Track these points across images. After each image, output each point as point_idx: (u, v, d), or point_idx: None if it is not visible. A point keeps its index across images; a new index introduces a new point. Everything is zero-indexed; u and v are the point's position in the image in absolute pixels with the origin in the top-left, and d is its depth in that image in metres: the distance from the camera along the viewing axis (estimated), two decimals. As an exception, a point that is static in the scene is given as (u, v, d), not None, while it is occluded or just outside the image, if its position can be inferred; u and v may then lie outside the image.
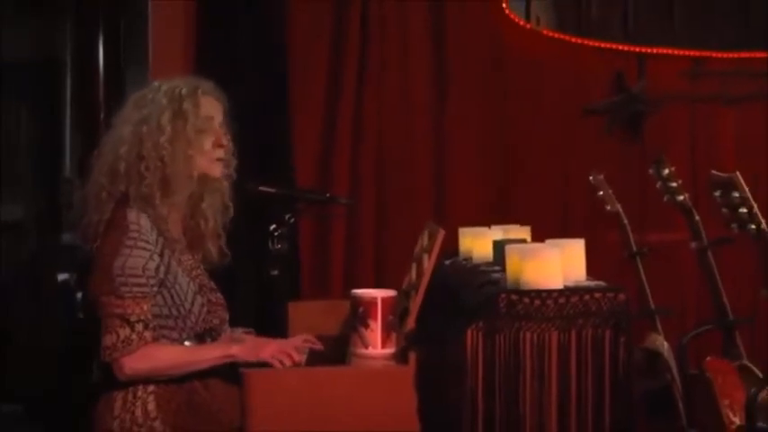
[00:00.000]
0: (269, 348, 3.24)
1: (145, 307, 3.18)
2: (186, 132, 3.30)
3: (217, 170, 3.41)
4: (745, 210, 3.21)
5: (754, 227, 3.20)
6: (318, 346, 3.37)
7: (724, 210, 3.24)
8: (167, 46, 5.92)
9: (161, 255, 3.23)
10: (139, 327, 3.15)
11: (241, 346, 3.31)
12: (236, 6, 6.14)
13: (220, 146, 3.39)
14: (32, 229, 7.14)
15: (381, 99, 6.33)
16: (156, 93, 3.36)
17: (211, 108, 3.39)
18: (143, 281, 3.17)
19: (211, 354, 3.26)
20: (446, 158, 6.37)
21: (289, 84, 6.20)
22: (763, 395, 3.40)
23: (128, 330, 3.14)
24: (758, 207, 3.22)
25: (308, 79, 6.24)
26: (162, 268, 3.23)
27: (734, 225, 3.24)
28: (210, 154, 3.37)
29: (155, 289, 3.21)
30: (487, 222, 4.53)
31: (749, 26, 6.70)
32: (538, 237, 4.03)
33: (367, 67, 6.28)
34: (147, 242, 3.21)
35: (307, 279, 6.14)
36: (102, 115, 6.24)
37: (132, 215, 3.22)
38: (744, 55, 6.66)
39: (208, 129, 3.36)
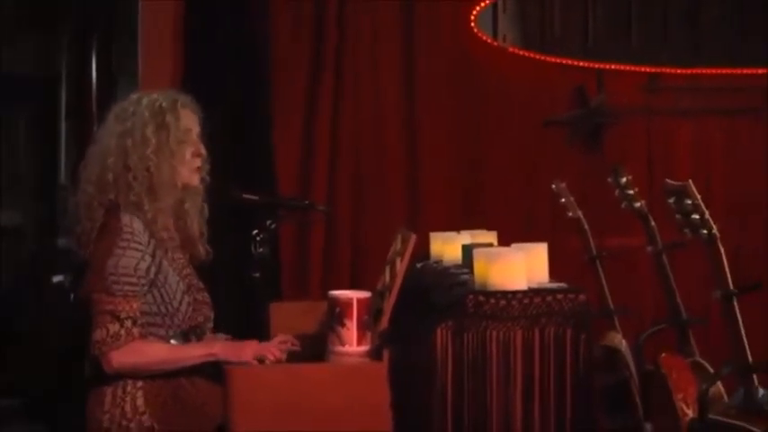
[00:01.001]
0: (250, 349, 3.25)
1: (134, 305, 3.18)
2: (169, 144, 3.31)
3: (196, 179, 3.42)
4: (697, 216, 3.21)
5: (705, 232, 3.20)
6: (295, 346, 3.38)
7: (677, 216, 3.24)
8: (156, 61, 5.91)
9: (153, 255, 3.24)
10: (128, 323, 3.16)
11: (223, 345, 3.32)
12: (221, 24, 6.14)
13: (198, 155, 3.40)
14: (31, 234, 7.12)
15: (357, 112, 6.34)
16: (137, 106, 3.35)
17: (189, 120, 3.39)
18: (134, 280, 3.18)
19: (195, 353, 3.27)
20: (418, 168, 6.38)
21: (271, 97, 6.20)
22: (714, 389, 3.41)
23: (117, 326, 3.15)
24: (709, 213, 3.22)
25: (288, 94, 6.24)
26: (153, 269, 3.23)
27: (687, 230, 3.23)
28: (190, 164, 3.38)
29: (145, 288, 3.21)
30: (457, 227, 4.53)
31: (700, 45, 6.72)
32: (504, 241, 4.03)
33: (343, 83, 6.29)
34: (140, 243, 3.21)
35: (287, 281, 6.14)
36: (95, 126, 6.21)
37: (126, 218, 3.23)
38: (696, 71, 6.69)
39: (187, 140, 3.37)
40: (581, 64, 6.64)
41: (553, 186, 4.92)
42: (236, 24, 6.20)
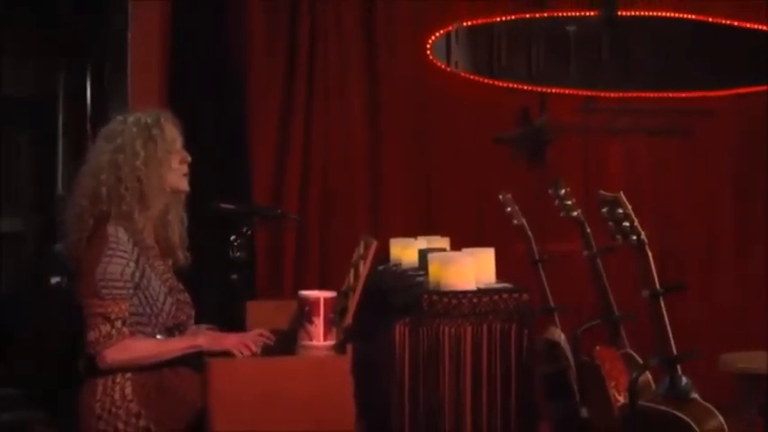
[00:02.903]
0: (231, 339, 3.25)
1: (123, 306, 3.17)
2: (157, 154, 3.31)
3: (185, 183, 3.42)
4: (627, 224, 3.21)
5: (634, 238, 3.21)
6: (271, 340, 3.37)
7: (610, 223, 3.24)
8: (144, 82, 5.89)
9: (137, 262, 3.23)
10: (118, 323, 3.15)
11: (206, 337, 3.31)
12: (203, 49, 6.15)
13: (185, 162, 3.40)
14: (31, 239, 7.06)
15: (326, 130, 6.34)
16: (124, 125, 3.35)
17: (173, 131, 3.39)
18: (120, 284, 3.17)
19: (180, 345, 3.27)
20: (380, 180, 6.38)
21: (248, 116, 6.20)
22: (642, 378, 3.42)
23: (108, 327, 3.15)
24: (638, 221, 3.23)
25: (263, 113, 6.25)
26: (137, 273, 3.22)
27: (618, 236, 3.24)
28: (179, 170, 3.38)
29: (131, 291, 3.21)
30: (414, 234, 4.54)
31: (630, 72, 6.77)
32: (456, 246, 4.04)
33: (313, 105, 6.30)
34: (125, 251, 3.20)
35: (262, 282, 6.12)
36: (89, 142, 6.17)
37: (111, 229, 3.22)
38: (626, 95, 6.72)
39: (173, 149, 3.37)
40: (525, 87, 6.65)
41: (500, 197, 4.91)
42: (217, 49, 6.21)
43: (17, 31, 6.49)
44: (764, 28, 6.83)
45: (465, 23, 6.59)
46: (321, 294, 3.09)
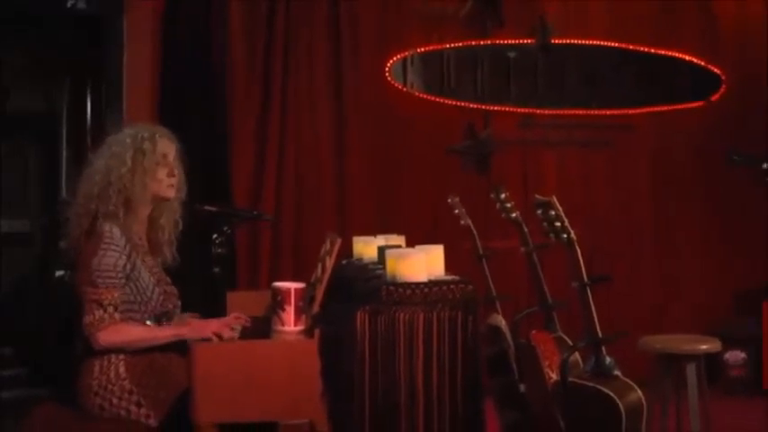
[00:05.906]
0: (210, 327, 3.24)
1: (115, 294, 3.17)
2: (144, 165, 3.31)
3: (170, 192, 3.41)
4: (559, 224, 3.22)
5: (565, 236, 3.22)
6: (247, 321, 3.37)
7: (544, 224, 3.25)
8: (137, 100, 5.88)
9: (128, 256, 3.24)
10: (110, 309, 3.16)
11: (188, 327, 3.30)
12: (188, 71, 6.13)
13: (173, 175, 3.37)
14: (37, 238, 7.01)
15: (298, 142, 6.34)
16: (124, 136, 3.37)
17: (166, 147, 3.39)
18: (113, 274, 3.18)
19: (166, 333, 3.27)
20: (345, 185, 6.38)
21: (230, 128, 6.18)
22: (572, 358, 3.43)
23: (101, 312, 3.15)
24: (568, 222, 3.24)
25: (243, 126, 6.23)
26: (128, 265, 3.23)
27: (551, 235, 3.25)
28: (165, 181, 3.38)
29: (122, 281, 3.21)
30: (374, 232, 4.51)
31: (562, 92, 6.80)
32: (411, 243, 4.01)
33: (287, 119, 6.29)
34: (117, 246, 3.21)
35: (241, 275, 6.10)
36: (89, 152, 6.12)
37: (106, 226, 3.23)
38: (559, 112, 6.76)
39: (162, 162, 3.36)
40: (471, 106, 6.67)
41: (449, 200, 4.91)
42: (203, 68, 6.18)
43: (24, 59, 6.45)
44: (678, 55, 6.91)
45: (419, 49, 6.60)
46: (292, 285, 3.09)
